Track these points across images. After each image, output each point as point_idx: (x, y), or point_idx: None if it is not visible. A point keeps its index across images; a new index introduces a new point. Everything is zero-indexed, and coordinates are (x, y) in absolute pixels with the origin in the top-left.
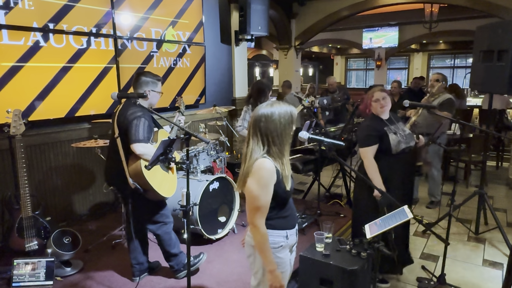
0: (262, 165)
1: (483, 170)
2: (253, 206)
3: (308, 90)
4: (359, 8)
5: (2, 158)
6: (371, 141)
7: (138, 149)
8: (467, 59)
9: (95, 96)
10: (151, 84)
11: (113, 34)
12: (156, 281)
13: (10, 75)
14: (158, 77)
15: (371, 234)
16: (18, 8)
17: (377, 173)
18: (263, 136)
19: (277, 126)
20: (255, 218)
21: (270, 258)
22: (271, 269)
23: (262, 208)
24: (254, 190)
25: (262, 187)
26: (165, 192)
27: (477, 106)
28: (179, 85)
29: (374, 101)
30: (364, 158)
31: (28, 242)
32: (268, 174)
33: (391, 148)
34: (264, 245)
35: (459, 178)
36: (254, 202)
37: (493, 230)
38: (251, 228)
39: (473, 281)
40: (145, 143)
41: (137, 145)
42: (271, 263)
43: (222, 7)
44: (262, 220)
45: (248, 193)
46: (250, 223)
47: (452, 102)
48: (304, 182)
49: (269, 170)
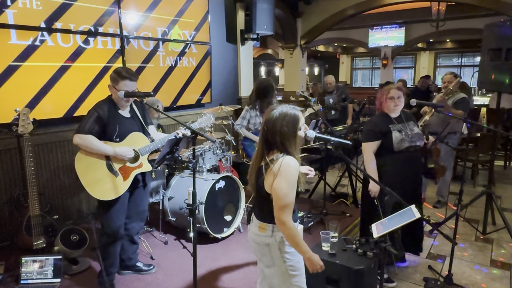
0: (289, 163)
1: (490, 169)
2: (282, 204)
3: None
4: (365, 6)
5: (10, 156)
6: (372, 137)
7: (74, 139)
8: (474, 57)
9: (101, 95)
10: (112, 79)
11: (119, 33)
12: (161, 279)
13: (19, 73)
14: (123, 74)
15: (377, 234)
16: (26, 8)
17: (374, 169)
18: (271, 140)
19: (283, 132)
20: (283, 215)
21: (304, 248)
22: (308, 256)
23: (290, 205)
24: (283, 188)
25: (291, 185)
26: (98, 193)
27: (485, 105)
28: (185, 84)
29: (389, 98)
30: (364, 152)
31: (36, 240)
32: (296, 172)
33: (393, 145)
34: (296, 238)
35: (467, 177)
36: (284, 200)
37: (501, 230)
38: (279, 225)
39: (481, 282)
40: (84, 135)
41: (75, 135)
42: (307, 252)
43: (228, 6)
44: (290, 216)
45: (277, 192)
46: (278, 220)
47: (467, 100)
48: (310, 181)
49: (296, 168)
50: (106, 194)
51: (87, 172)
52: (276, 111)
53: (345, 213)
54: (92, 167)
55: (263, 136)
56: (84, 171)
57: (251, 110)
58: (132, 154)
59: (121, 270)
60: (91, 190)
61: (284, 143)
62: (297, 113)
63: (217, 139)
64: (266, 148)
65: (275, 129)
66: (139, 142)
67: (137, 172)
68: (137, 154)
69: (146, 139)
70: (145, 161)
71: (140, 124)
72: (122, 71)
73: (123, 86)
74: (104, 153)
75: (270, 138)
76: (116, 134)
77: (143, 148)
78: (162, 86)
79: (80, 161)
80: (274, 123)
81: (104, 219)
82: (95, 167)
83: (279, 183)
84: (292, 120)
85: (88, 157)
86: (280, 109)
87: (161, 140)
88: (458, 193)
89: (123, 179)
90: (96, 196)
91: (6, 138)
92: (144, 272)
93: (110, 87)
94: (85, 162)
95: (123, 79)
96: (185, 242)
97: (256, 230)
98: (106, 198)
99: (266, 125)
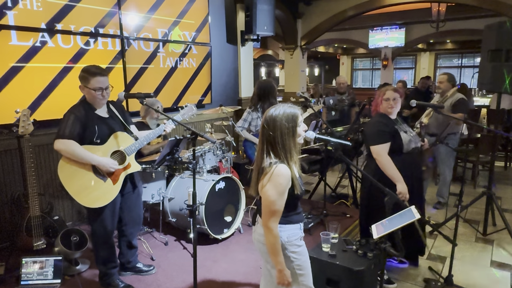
0: (280, 171)
1: (491, 170)
2: (270, 210)
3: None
4: (365, 7)
5: (11, 157)
6: (384, 138)
7: (55, 144)
8: (474, 58)
9: None
10: (81, 79)
11: (120, 34)
12: (162, 280)
13: (20, 75)
14: (93, 71)
15: (378, 235)
16: (26, 9)
17: (396, 169)
18: (270, 140)
19: (282, 130)
20: (270, 221)
21: (280, 258)
22: (280, 269)
23: (278, 213)
24: (271, 196)
25: (279, 193)
26: (87, 200)
27: (485, 106)
28: (185, 85)
29: (385, 99)
30: (379, 155)
31: (36, 241)
32: (285, 181)
33: (403, 146)
34: (275, 246)
35: (467, 178)
36: (271, 206)
37: (501, 231)
38: (264, 230)
39: (481, 283)
40: (66, 140)
41: (56, 140)
42: (281, 264)
43: (228, 7)
44: (276, 223)
45: (265, 198)
46: (264, 225)
47: (465, 102)
48: (310, 182)
49: (286, 177)
50: (96, 201)
51: (73, 180)
52: (275, 110)
53: (345, 214)
54: (77, 174)
55: (264, 135)
56: (69, 180)
57: (253, 112)
58: (116, 166)
59: (121, 271)
60: (79, 199)
61: (283, 140)
62: (296, 111)
63: (217, 140)
64: (266, 149)
65: (275, 126)
66: (123, 142)
67: (126, 173)
68: (124, 154)
69: (130, 138)
70: (132, 161)
71: (120, 123)
72: (91, 68)
73: (95, 83)
74: (88, 163)
75: (270, 136)
76: (96, 136)
77: (128, 147)
78: (164, 87)
79: (64, 169)
80: (274, 121)
81: (95, 226)
82: (81, 173)
83: (268, 190)
84: (291, 117)
85: (71, 164)
86: (279, 107)
87: (146, 137)
88: (458, 194)
89: (113, 183)
90: (87, 204)
91: (6, 139)
92: (145, 273)
93: (81, 87)
94: (69, 169)
95: (94, 76)
96: (185, 243)
97: (262, 231)
98: (98, 205)
99: (266, 123)
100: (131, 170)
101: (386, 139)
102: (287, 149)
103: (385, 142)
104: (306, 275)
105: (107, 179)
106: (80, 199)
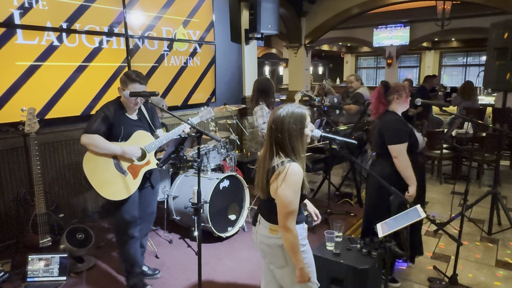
0: (294, 170)
1: (496, 169)
2: (288, 211)
3: (318, 91)
4: (370, 5)
5: (17, 155)
6: (405, 137)
7: (81, 139)
8: (480, 56)
9: (109, 95)
10: (121, 81)
11: (125, 33)
12: (166, 278)
13: (27, 75)
14: (133, 77)
15: (382, 233)
16: (33, 9)
17: (412, 171)
18: (278, 142)
19: (290, 132)
20: (288, 222)
21: (301, 257)
22: (302, 267)
23: (295, 212)
24: (288, 196)
25: (295, 192)
26: (109, 193)
27: (491, 105)
28: (190, 84)
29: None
30: (400, 155)
31: (42, 238)
32: (300, 179)
33: (418, 145)
34: (296, 246)
35: (472, 177)
36: (289, 207)
37: (507, 231)
38: (283, 231)
39: (486, 282)
40: (91, 134)
41: (83, 135)
42: (302, 262)
43: (232, 6)
44: (294, 222)
45: (282, 199)
46: (283, 226)
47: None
48: (314, 181)
49: (300, 175)
50: (117, 194)
51: (96, 173)
52: (283, 110)
53: (349, 213)
54: (100, 168)
55: (271, 136)
56: (93, 173)
57: (265, 106)
58: (139, 153)
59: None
60: (102, 191)
61: (292, 141)
62: (304, 111)
63: (221, 138)
64: (274, 149)
65: (283, 127)
66: (143, 140)
67: (146, 169)
68: (144, 152)
69: (150, 137)
70: (152, 158)
71: (148, 126)
72: (132, 74)
73: (132, 89)
74: (112, 153)
75: (278, 136)
76: (121, 136)
77: (148, 145)
78: (173, 87)
79: (88, 162)
80: (282, 121)
81: (117, 219)
82: (104, 167)
83: (284, 190)
84: (299, 117)
85: (96, 158)
86: (287, 107)
87: (166, 136)
88: (463, 193)
89: (133, 178)
90: (108, 197)
91: (12, 137)
92: (149, 276)
93: (119, 89)
94: (93, 163)
95: (133, 82)
96: (190, 241)
97: (266, 233)
98: (118, 198)
99: (274, 124)
100: (150, 167)
101: (406, 138)
102: (295, 150)
103: (406, 141)
104: (312, 272)
105: (128, 174)
106: (102, 191)
